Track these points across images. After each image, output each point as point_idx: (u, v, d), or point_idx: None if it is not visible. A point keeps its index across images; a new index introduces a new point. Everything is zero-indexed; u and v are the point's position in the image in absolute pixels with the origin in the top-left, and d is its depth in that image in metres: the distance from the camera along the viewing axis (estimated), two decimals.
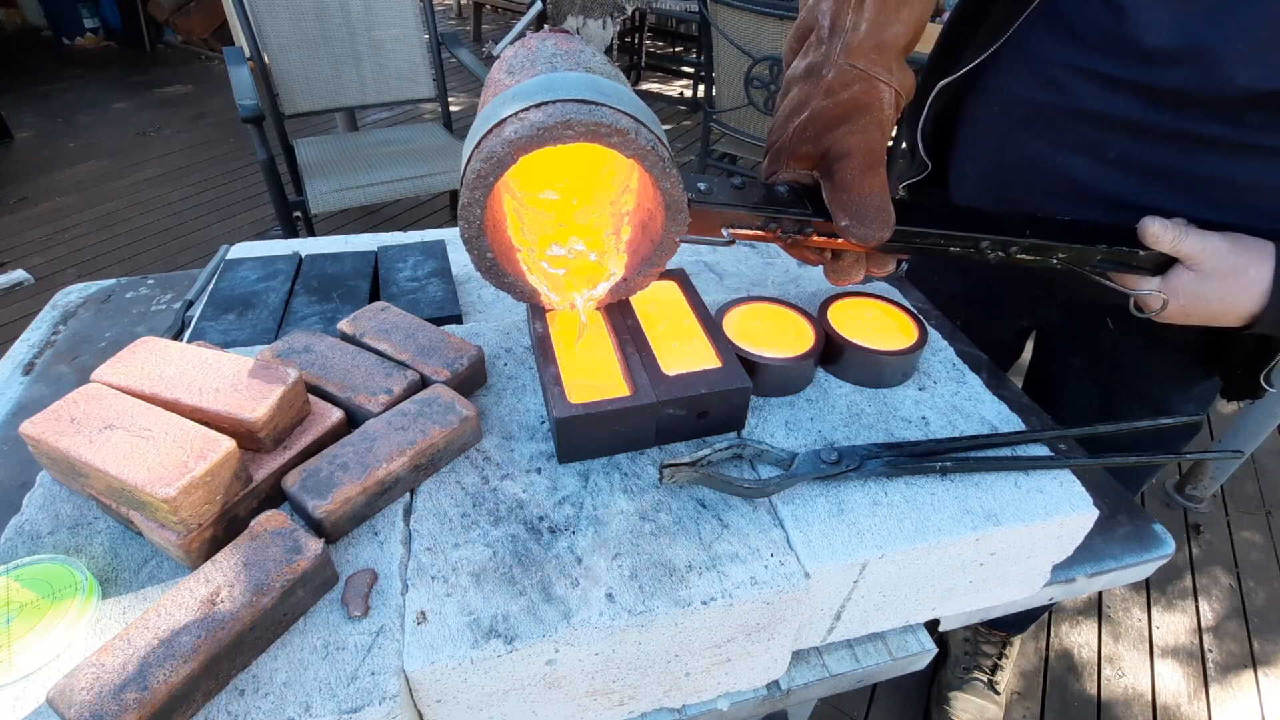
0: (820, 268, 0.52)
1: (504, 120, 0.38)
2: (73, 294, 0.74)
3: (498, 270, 0.45)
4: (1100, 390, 0.77)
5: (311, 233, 2.04)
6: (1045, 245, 0.50)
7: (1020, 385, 0.82)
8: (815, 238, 0.47)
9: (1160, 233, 0.51)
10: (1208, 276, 0.51)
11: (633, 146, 0.39)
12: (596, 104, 0.38)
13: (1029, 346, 0.92)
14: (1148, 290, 0.53)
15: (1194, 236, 0.51)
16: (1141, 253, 0.52)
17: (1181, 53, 0.51)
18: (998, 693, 1.21)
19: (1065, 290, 0.72)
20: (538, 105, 0.37)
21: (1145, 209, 0.53)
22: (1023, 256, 0.50)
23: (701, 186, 0.46)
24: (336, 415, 0.44)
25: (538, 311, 0.52)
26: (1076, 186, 0.61)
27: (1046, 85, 0.60)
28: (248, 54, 1.86)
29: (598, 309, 0.51)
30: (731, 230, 0.47)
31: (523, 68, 0.42)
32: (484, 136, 0.38)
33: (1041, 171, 0.63)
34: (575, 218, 0.51)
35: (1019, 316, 0.85)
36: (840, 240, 0.47)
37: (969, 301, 0.81)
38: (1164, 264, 0.53)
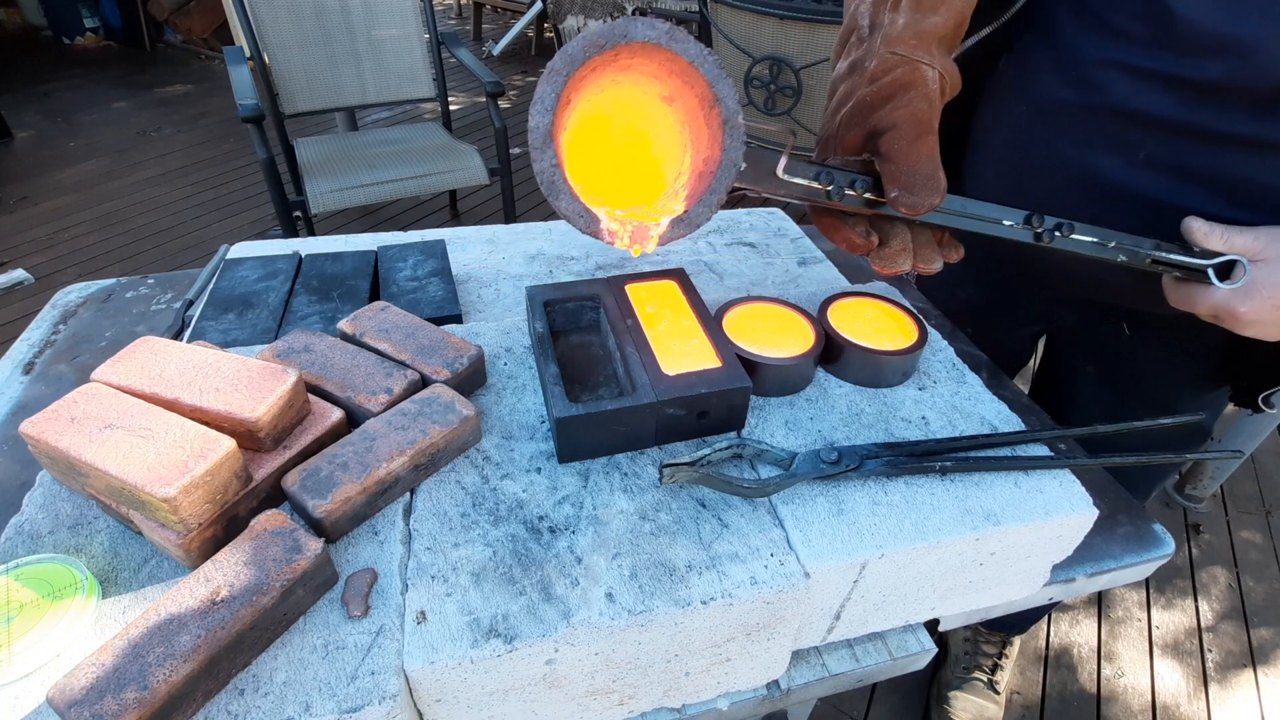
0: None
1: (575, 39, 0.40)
2: (73, 293, 0.74)
3: (559, 186, 0.43)
4: (1113, 396, 0.77)
5: (311, 232, 2.04)
6: (1102, 230, 0.49)
7: (1027, 390, 0.82)
8: (866, 194, 0.47)
9: (1208, 230, 0.50)
10: (1275, 262, 0.49)
11: (692, 51, 0.40)
12: (652, 21, 0.40)
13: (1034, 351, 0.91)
14: (1229, 287, 0.50)
15: (1239, 232, 0.50)
16: (1195, 250, 0.51)
17: (1222, 43, 0.50)
18: (998, 692, 1.21)
19: (1085, 292, 0.71)
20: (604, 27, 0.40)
21: (1175, 210, 0.53)
22: (1078, 237, 0.49)
23: (751, 144, 0.46)
24: (336, 415, 0.44)
25: (538, 311, 0.53)
26: (1104, 187, 0.59)
27: (1076, 83, 0.58)
28: (248, 54, 1.86)
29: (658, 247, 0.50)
30: (786, 175, 0.46)
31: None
32: (558, 52, 0.40)
33: (1067, 172, 0.61)
34: (632, 191, 0.51)
35: (1032, 321, 0.84)
36: (890, 198, 0.46)
37: (981, 307, 0.80)
38: (1221, 271, 0.51)
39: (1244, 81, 0.50)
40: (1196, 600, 1.52)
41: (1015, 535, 0.45)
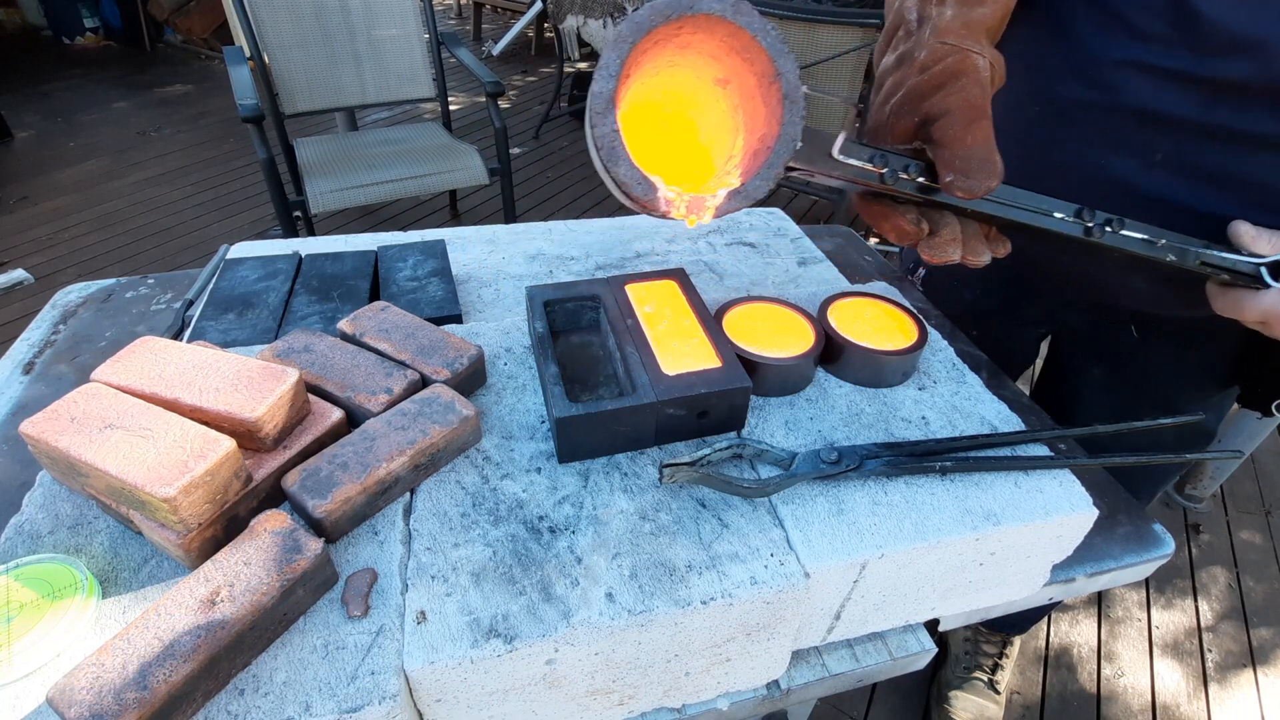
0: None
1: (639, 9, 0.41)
2: (73, 293, 0.74)
3: (619, 152, 0.43)
4: (1119, 398, 0.76)
5: (311, 232, 2.04)
6: (1152, 228, 0.48)
7: (1028, 391, 0.81)
8: (920, 178, 0.46)
9: (1256, 234, 0.50)
10: None
11: (755, 25, 0.41)
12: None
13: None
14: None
15: None
16: (1244, 251, 0.50)
17: (1246, 42, 0.49)
18: (998, 692, 1.21)
19: (1095, 295, 0.70)
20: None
21: (1191, 212, 0.52)
22: (1128, 234, 0.48)
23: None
24: (336, 415, 0.44)
25: (538, 311, 0.53)
26: (1117, 188, 0.59)
27: (1091, 82, 0.58)
28: (248, 54, 1.86)
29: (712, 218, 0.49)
30: (841, 156, 0.45)
31: None
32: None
33: (1079, 173, 0.61)
34: (679, 177, 0.51)
35: (1039, 324, 0.83)
36: (945, 183, 0.45)
37: (987, 309, 0.80)
38: (1274, 273, 0.50)
39: (1267, 81, 0.49)
40: (1196, 600, 1.52)
41: (1015, 535, 0.45)
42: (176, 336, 0.62)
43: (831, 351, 0.55)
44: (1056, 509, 0.45)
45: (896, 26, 0.49)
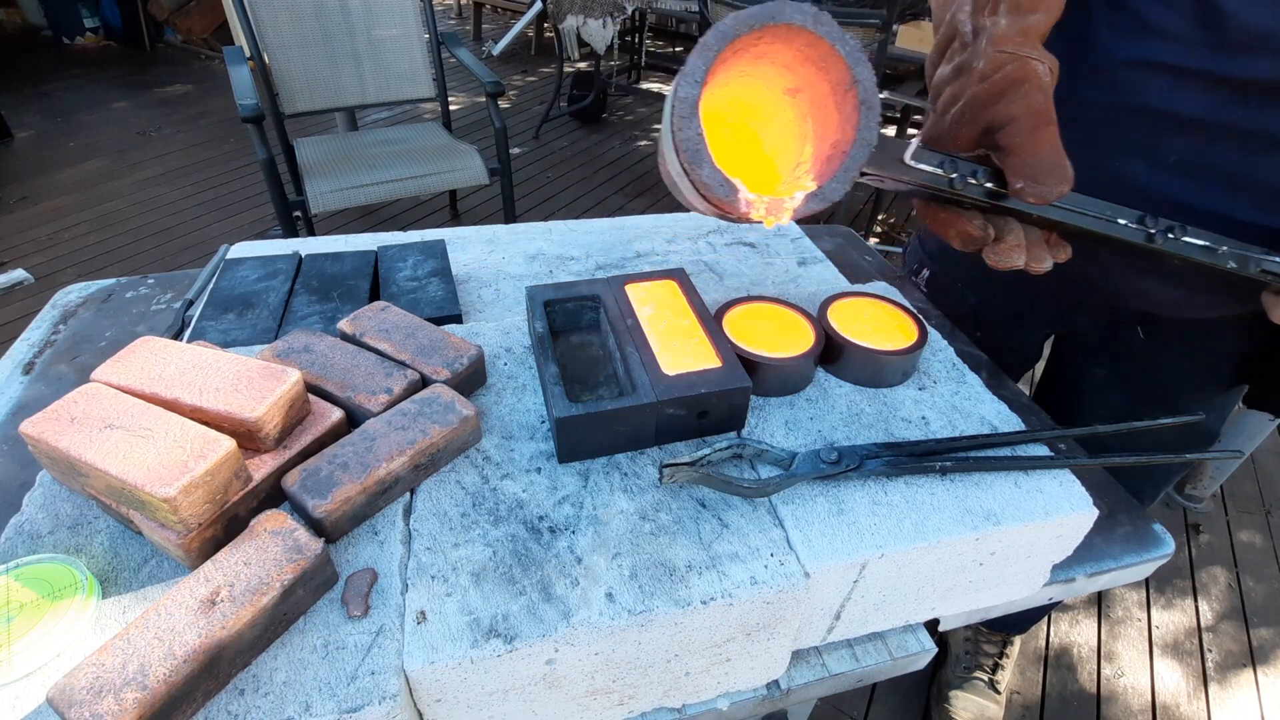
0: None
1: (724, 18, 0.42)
2: (73, 293, 0.74)
3: (703, 154, 0.44)
4: (1125, 399, 0.76)
5: (311, 232, 2.04)
6: (1212, 235, 0.49)
7: (1031, 392, 0.81)
8: (988, 184, 0.47)
9: None
10: None
11: (834, 34, 0.42)
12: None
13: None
14: None
15: None
16: None
17: (1270, 40, 0.49)
18: (998, 692, 1.21)
19: (1105, 297, 0.70)
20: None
21: (1205, 214, 0.52)
22: (1190, 240, 0.48)
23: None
24: (336, 415, 0.44)
25: (538, 311, 0.53)
26: (1129, 190, 0.58)
27: (1104, 83, 0.58)
28: (247, 53, 1.86)
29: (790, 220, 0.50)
30: (913, 161, 0.46)
31: None
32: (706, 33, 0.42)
33: (1089, 175, 0.60)
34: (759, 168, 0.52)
35: (1044, 325, 0.83)
36: (1015, 189, 0.46)
37: (993, 311, 0.80)
38: None
39: None
40: (1196, 600, 1.52)
41: (1015, 535, 0.45)
42: (176, 336, 0.62)
43: (831, 351, 0.55)
44: (1056, 509, 0.45)
45: (950, 38, 0.49)
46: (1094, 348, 0.78)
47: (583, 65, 3.71)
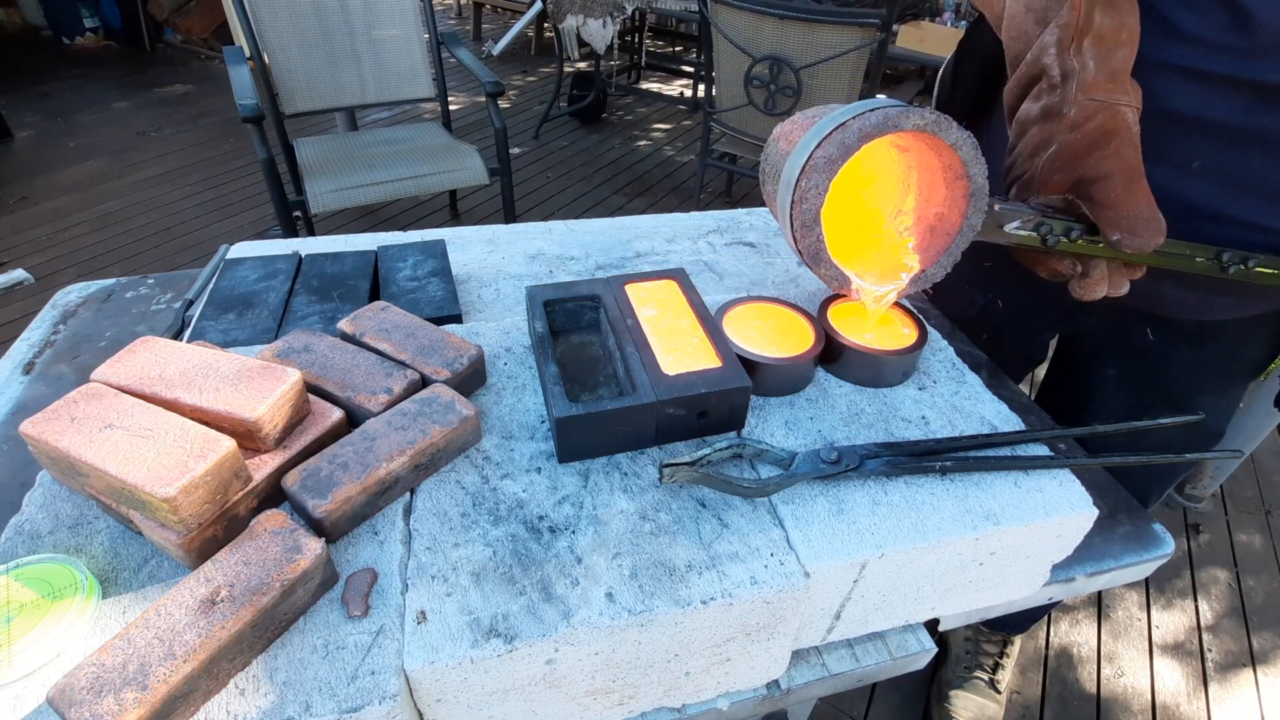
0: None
1: (844, 124, 0.45)
2: (73, 293, 0.74)
3: (823, 256, 0.49)
4: (1133, 400, 0.76)
5: (311, 232, 2.04)
6: (1277, 260, 0.52)
7: (1033, 392, 0.81)
8: (1080, 241, 0.50)
9: None
10: None
11: (955, 136, 0.46)
12: (908, 107, 0.45)
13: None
14: None
15: None
16: None
17: None
18: (999, 691, 1.21)
19: (1116, 300, 0.70)
20: (866, 112, 0.45)
21: (1227, 220, 0.53)
22: (1262, 270, 0.52)
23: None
24: (336, 415, 0.44)
25: (538, 311, 0.53)
26: (1156, 196, 0.57)
27: None
28: (247, 53, 1.86)
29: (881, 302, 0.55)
30: (1010, 228, 0.50)
31: (811, 118, 0.50)
32: (825, 138, 0.45)
33: None
34: (862, 233, 0.57)
35: (1051, 326, 0.83)
36: (1105, 245, 0.50)
37: (1000, 313, 0.80)
38: None
39: None
40: (1196, 600, 1.52)
41: (1015, 535, 0.45)
42: (176, 336, 0.62)
43: (831, 351, 0.55)
44: (1056, 509, 0.45)
45: (1035, 76, 0.50)
46: (1102, 348, 0.78)
47: (583, 65, 3.71)
